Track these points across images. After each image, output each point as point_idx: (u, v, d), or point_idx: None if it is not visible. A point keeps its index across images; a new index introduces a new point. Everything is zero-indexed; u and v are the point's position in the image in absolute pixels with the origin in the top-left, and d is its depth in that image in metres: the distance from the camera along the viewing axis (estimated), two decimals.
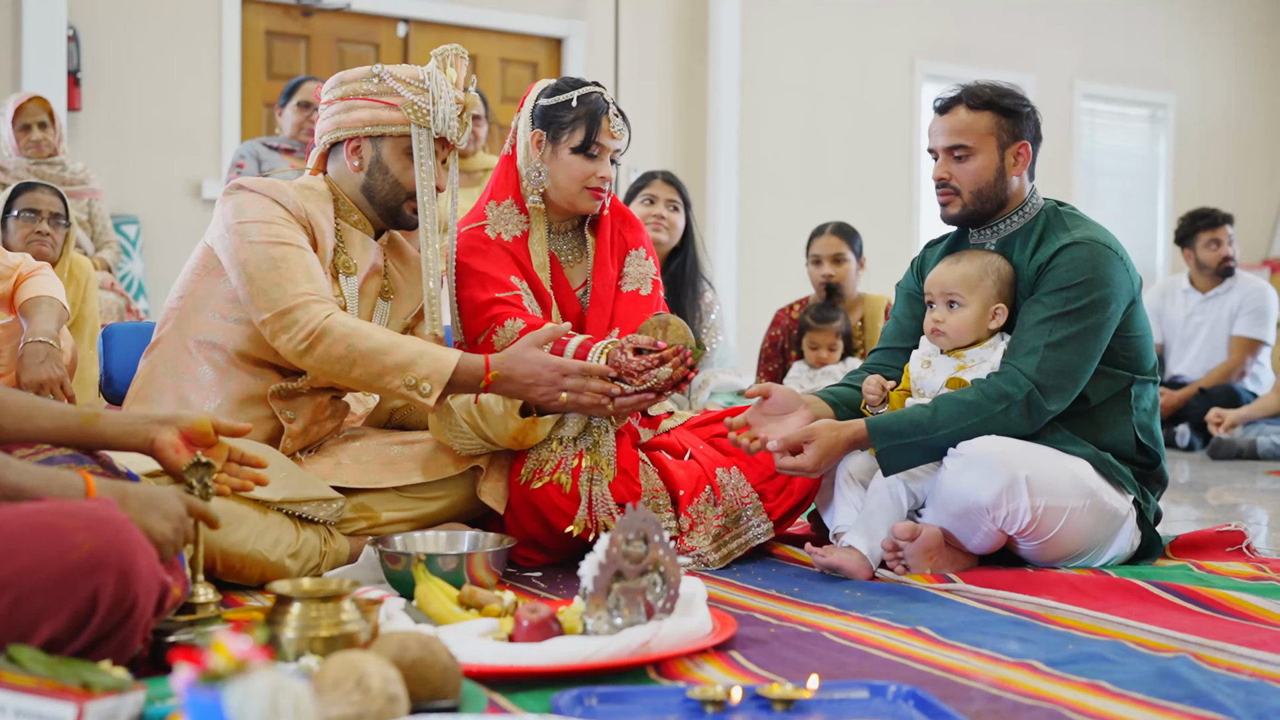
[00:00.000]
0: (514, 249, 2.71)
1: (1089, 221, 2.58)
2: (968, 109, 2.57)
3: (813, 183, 8.06)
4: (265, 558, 2.27)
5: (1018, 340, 2.50)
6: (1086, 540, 2.46)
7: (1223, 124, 9.77)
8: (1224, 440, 5.23)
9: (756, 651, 1.84)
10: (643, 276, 2.83)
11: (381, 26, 7.00)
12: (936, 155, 2.62)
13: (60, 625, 1.42)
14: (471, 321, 2.65)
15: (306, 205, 2.48)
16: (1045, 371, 2.43)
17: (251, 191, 2.45)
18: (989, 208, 2.59)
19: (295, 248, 2.40)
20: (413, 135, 2.50)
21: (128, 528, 1.47)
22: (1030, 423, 2.44)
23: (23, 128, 4.83)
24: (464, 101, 2.56)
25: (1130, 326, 2.55)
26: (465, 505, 2.59)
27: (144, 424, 1.87)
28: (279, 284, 2.36)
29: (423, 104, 2.50)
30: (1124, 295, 2.51)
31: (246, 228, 2.41)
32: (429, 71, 2.53)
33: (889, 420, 2.47)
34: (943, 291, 2.56)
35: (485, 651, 1.70)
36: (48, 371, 2.71)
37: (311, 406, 2.55)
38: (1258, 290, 5.88)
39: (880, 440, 2.44)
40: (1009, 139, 2.57)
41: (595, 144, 2.68)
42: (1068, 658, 1.78)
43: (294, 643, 1.57)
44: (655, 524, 1.83)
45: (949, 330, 2.55)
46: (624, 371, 2.43)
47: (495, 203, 2.74)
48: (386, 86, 2.51)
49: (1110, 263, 2.49)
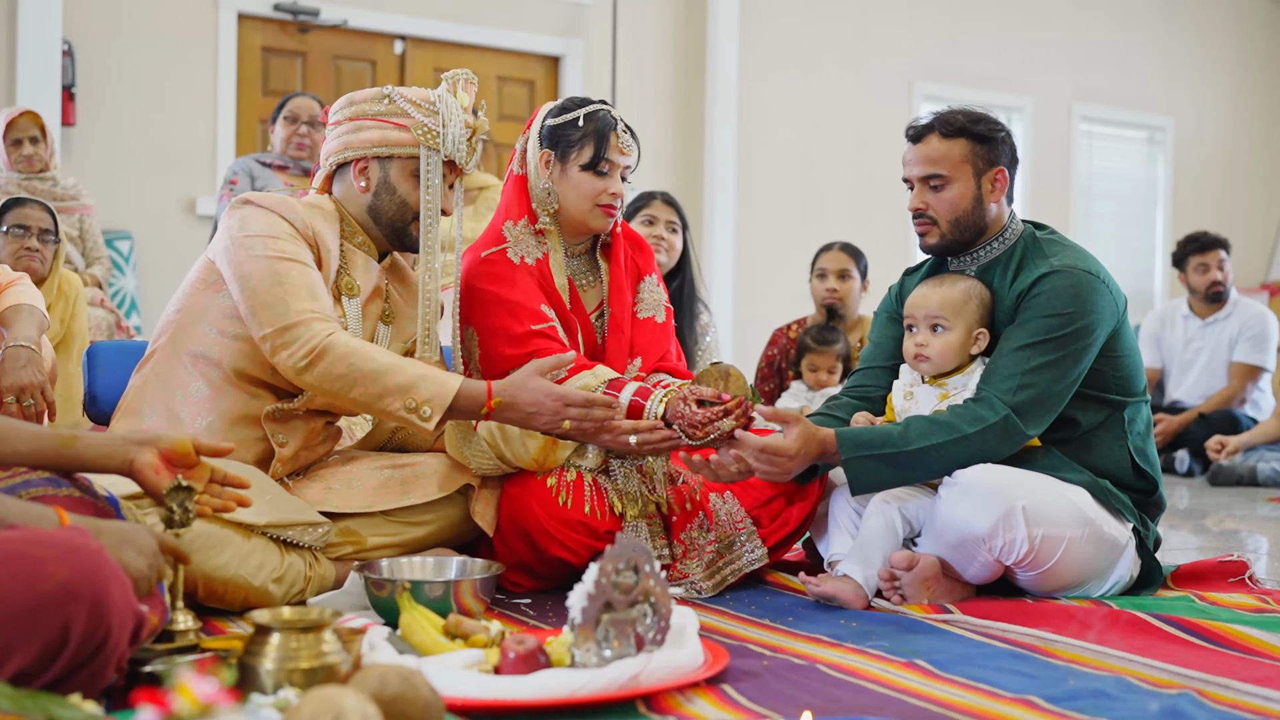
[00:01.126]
0: (538, 272, 2.67)
1: (1069, 245, 2.54)
2: (941, 137, 2.53)
3: (810, 205, 8.04)
4: (248, 583, 2.23)
5: (994, 365, 2.46)
6: (1086, 570, 2.42)
7: (1221, 147, 9.77)
8: (1224, 466, 5.19)
9: (749, 685, 1.80)
10: (656, 303, 2.81)
11: (378, 43, 6.99)
12: (912, 185, 2.58)
13: (30, 658, 1.37)
14: (507, 350, 2.58)
15: (314, 223, 2.45)
16: (1022, 398, 2.39)
17: (259, 206, 2.43)
18: (968, 236, 2.55)
19: (299, 264, 2.37)
20: (421, 157, 2.48)
21: (101, 557, 1.43)
22: (1009, 446, 2.40)
23: (14, 142, 4.81)
24: (474, 126, 2.54)
25: (1117, 347, 2.51)
26: (453, 530, 2.56)
27: (122, 445, 1.83)
28: (282, 299, 2.32)
29: (433, 126, 2.48)
30: (1108, 320, 2.47)
31: (251, 241, 2.37)
32: (439, 94, 2.51)
33: (858, 431, 2.44)
34: (926, 315, 2.52)
35: (470, 684, 1.66)
36: (29, 376, 2.68)
37: (305, 431, 2.51)
38: (1258, 316, 5.85)
39: (847, 449, 2.39)
40: (984, 165, 2.53)
41: (604, 160, 2.65)
42: (1068, 694, 1.74)
43: (273, 674, 1.53)
44: (646, 554, 1.79)
45: (933, 355, 2.51)
46: (687, 423, 2.44)
47: (512, 223, 2.70)
48: (397, 108, 2.49)
49: (1093, 289, 2.45)
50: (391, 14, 6.93)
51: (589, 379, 2.56)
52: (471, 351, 2.65)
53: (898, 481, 2.42)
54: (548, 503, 2.49)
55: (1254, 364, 5.79)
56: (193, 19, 6.42)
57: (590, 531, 2.49)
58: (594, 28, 7.47)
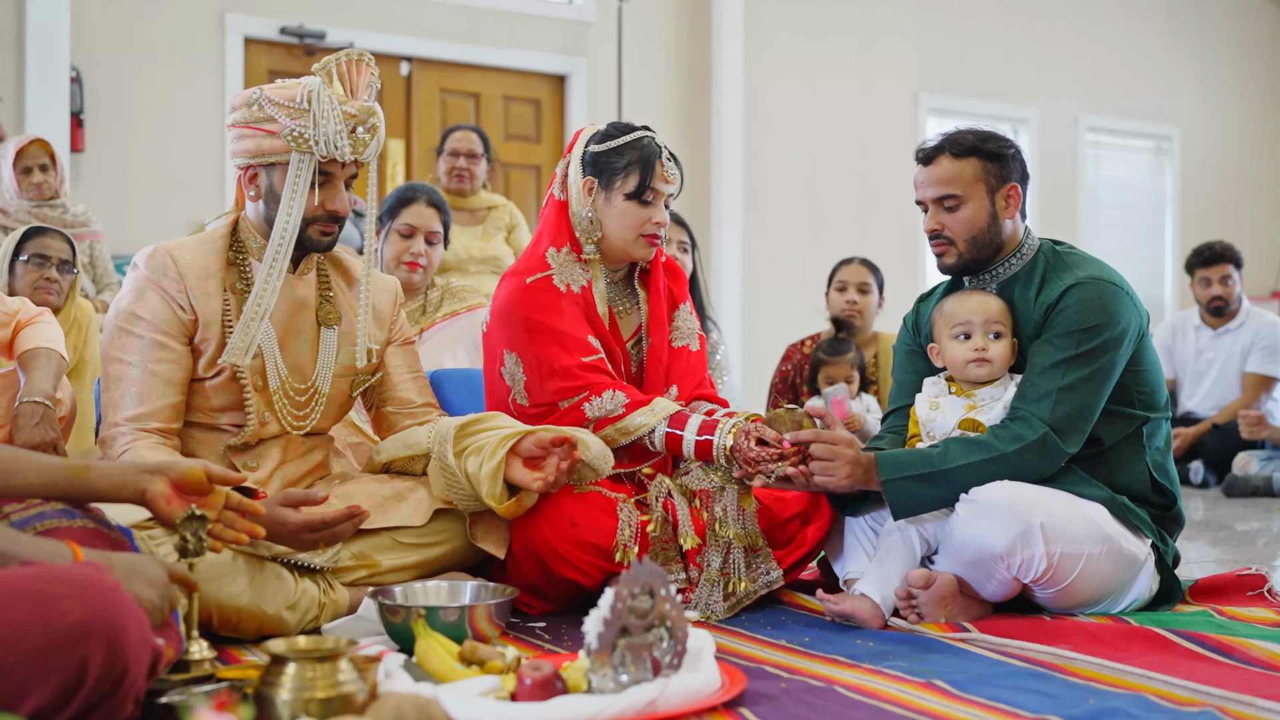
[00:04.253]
0: (583, 300, 2.67)
1: (1089, 259, 2.55)
2: (951, 157, 2.53)
3: (816, 217, 8.05)
4: (262, 610, 2.22)
5: (1029, 383, 2.45)
6: (1104, 586, 2.40)
7: (1228, 156, 9.75)
8: (1239, 477, 5.19)
9: (767, 709, 1.79)
10: (690, 332, 2.81)
11: (384, 65, 7.00)
12: (926, 207, 2.58)
13: (48, 695, 1.36)
14: (557, 383, 2.58)
15: (189, 277, 2.40)
16: (1060, 414, 2.39)
17: (144, 272, 2.41)
18: (985, 254, 2.55)
19: (133, 365, 2.37)
20: (291, 164, 2.37)
21: (118, 593, 1.42)
22: (1048, 465, 2.40)
23: (24, 170, 4.81)
24: (356, 114, 2.39)
25: (1141, 361, 2.51)
26: (468, 550, 2.53)
27: (135, 475, 1.83)
28: (108, 405, 2.39)
29: (301, 129, 2.34)
30: (1134, 330, 2.48)
31: (113, 324, 2.41)
32: (311, 90, 2.36)
33: (897, 453, 2.43)
34: (985, 320, 2.52)
35: (486, 712, 1.65)
36: (41, 434, 2.66)
37: (277, 448, 2.50)
38: (1269, 326, 5.83)
39: (887, 470, 2.38)
40: (997, 183, 2.53)
41: (650, 189, 2.64)
42: (1088, 713, 1.72)
43: (289, 705, 1.53)
44: (662, 578, 1.78)
45: (995, 358, 2.51)
46: (744, 459, 2.47)
47: (555, 250, 2.69)
48: (265, 114, 2.36)
49: (1119, 300, 2.46)
50: (397, 36, 6.96)
51: (647, 418, 2.57)
52: (515, 376, 2.64)
53: (938, 503, 2.40)
54: (559, 524, 2.47)
55: (1267, 374, 5.77)
56: (200, 44, 6.44)
57: (601, 553, 2.47)
58: (598, 46, 7.48)
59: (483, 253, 4.52)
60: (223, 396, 2.44)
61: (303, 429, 2.52)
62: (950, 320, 2.56)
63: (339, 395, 2.58)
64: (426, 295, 3.56)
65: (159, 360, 2.38)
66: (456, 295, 3.59)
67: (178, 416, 2.41)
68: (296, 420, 2.50)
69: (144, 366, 2.37)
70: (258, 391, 2.45)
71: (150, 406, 2.37)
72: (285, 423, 2.48)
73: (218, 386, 2.43)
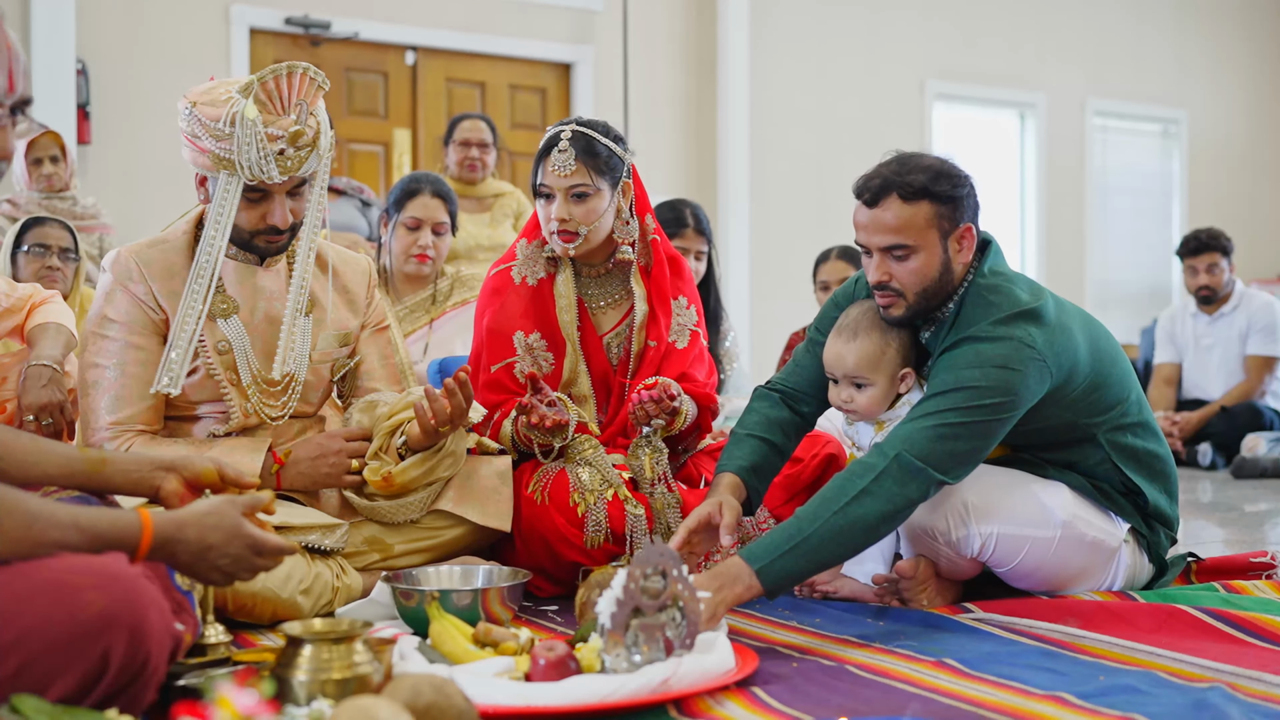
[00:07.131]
0: (535, 293, 2.69)
1: (1017, 299, 2.24)
2: (901, 200, 2.22)
3: (823, 205, 8.04)
4: (276, 595, 2.23)
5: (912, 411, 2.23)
6: (1068, 570, 2.34)
7: (1236, 139, 9.72)
8: (1247, 459, 5.22)
9: (780, 688, 1.80)
10: (680, 328, 2.77)
11: (390, 55, 7.01)
12: (869, 252, 2.28)
13: (71, 685, 1.38)
14: (480, 391, 2.67)
15: (155, 278, 2.41)
16: (915, 438, 2.13)
17: (111, 276, 2.42)
18: (935, 304, 2.29)
19: (109, 368, 2.39)
20: (220, 181, 2.36)
21: (139, 583, 1.43)
22: (916, 486, 2.10)
23: (34, 162, 4.83)
24: (283, 135, 2.33)
25: (1103, 380, 2.32)
26: (481, 532, 2.55)
27: (150, 471, 1.84)
28: (86, 413, 2.41)
29: (224, 152, 2.31)
30: (1031, 398, 2.20)
31: (87, 329, 2.43)
32: (233, 113, 2.30)
33: (757, 542, 2.08)
34: (845, 374, 2.37)
35: (501, 692, 1.66)
36: (48, 395, 2.69)
37: (269, 432, 2.51)
38: (1264, 306, 5.86)
39: (756, 559, 2.03)
40: (950, 226, 2.24)
41: (541, 184, 2.63)
42: (1099, 690, 1.74)
43: (306, 686, 1.54)
44: (674, 558, 1.80)
45: (860, 409, 2.39)
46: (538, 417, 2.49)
47: (527, 241, 2.72)
48: (195, 129, 2.35)
49: (1025, 367, 2.17)
50: (402, 25, 6.95)
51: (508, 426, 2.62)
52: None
53: (812, 570, 2.09)
54: (565, 509, 2.51)
55: (1267, 355, 5.81)
56: (205, 35, 6.45)
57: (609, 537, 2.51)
58: (604, 34, 7.48)
59: (490, 240, 4.53)
60: (200, 392, 2.46)
61: (281, 417, 2.51)
62: (825, 364, 2.42)
63: (319, 381, 2.59)
64: (436, 285, 3.57)
65: (135, 362, 2.40)
66: (466, 284, 3.61)
67: (158, 418, 2.44)
68: (272, 410, 2.50)
69: (120, 369, 2.39)
70: (233, 386, 2.46)
71: (131, 410, 2.39)
72: (263, 414, 2.48)
73: (194, 385, 2.45)
